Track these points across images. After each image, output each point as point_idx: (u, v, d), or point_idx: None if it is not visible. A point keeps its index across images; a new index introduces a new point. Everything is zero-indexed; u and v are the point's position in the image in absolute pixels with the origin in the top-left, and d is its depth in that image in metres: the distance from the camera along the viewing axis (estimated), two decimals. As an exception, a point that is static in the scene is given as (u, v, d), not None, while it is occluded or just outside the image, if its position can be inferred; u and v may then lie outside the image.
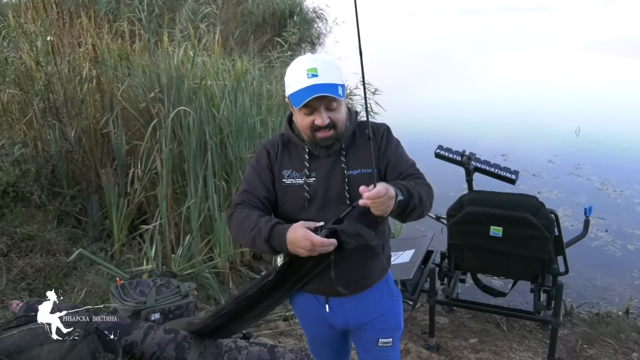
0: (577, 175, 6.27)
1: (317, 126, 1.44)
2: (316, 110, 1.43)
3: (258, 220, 1.42)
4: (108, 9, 7.37)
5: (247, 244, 1.47)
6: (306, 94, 1.39)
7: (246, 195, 1.53)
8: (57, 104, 3.93)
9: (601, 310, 3.51)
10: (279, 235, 1.37)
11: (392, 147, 1.53)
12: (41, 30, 4.72)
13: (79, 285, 3.03)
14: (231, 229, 1.52)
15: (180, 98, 3.64)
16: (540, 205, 2.57)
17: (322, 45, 12.97)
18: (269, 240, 1.38)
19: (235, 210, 1.51)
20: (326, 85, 1.40)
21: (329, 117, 1.44)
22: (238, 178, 3.67)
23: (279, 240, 1.37)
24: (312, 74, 1.40)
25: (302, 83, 1.41)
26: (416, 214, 1.41)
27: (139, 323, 2.23)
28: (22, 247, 3.22)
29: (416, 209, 1.39)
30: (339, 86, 1.43)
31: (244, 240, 1.48)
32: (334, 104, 1.44)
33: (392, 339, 1.65)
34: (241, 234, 1.47)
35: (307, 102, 1.39)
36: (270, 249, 1.41)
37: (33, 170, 3.56)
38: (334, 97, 1.42)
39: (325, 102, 1.42)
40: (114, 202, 3.55)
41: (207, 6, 6.38)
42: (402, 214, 1.38)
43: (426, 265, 3.16)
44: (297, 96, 1.41)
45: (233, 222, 1.50)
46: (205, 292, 3.29)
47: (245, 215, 1.47)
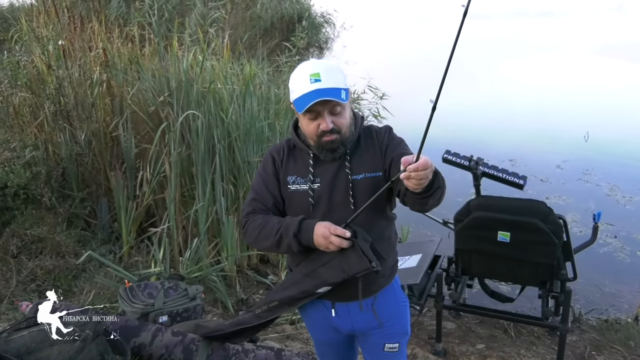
0: (585, 181, 6.22)
1: (322, 131, 1.45)
2: (320, 115, 1.44)
3: (281, 221, 1.48)
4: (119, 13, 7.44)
5: (271, 246, 1.50)
6: (309, 98, 1.40)
7: (255, 203, 1.56)
8: (67, 108, 3.97)
9: (610, 316, 3.48)
10: (307, 229, 1.43)
11: (395, 143, 1.53)
12: (53, 35, 4.78)
13: (88, 287, 3.05)
14: (249, 236, 1.55)
15: (189, 102, 3.67)
16: (548, 210, 2.56)
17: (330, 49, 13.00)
18: (297, 234, 1.43)
19: (248, 219, 1.54)
20: (329, 89, 1.41)
21: (332, 121, 1.44)
22: (246, 182, 3.69)
23: (307, 233, 1.42)
24: (315, 79, 1.41)
25: (305, 88, 1.42)
26: (437, 196, 1.35)
27: (147, 325, 2.24)
28: (32, 249, 3.25)
29: (439, 189, 1.34)
30: (342, 90, 1.43)
31: (267, 243, 1.50)
32: (338, 109, 1.45)
33: (398, 344, 1.65)
34: (263, 238, 1.50)
35: (311, 107, 1.40)
36: (297, 244, 1.44)
37: (44, 172, 3.59)
38: (337, 102, 1.43)
39: (328, 106, 1.43)
40: (123, 204, 3.58)
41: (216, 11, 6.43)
42: (426, 192, 1.31)
43: (433, 270, 3.15)
44: (301, 101, 1.42)
45: (249, 230, 1.53)
46: (212, 294, 3.30)
47: (262, 220, 1.51)
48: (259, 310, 1.59)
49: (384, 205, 1.56)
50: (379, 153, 1.52)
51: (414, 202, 1.38)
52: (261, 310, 1.58)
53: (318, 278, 1.49)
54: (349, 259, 1.42)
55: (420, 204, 1.36)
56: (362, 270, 1.42)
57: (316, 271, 1.49)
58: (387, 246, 1.58)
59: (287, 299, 1.55)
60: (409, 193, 1.32)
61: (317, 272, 1.49)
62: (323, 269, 1.48)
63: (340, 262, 1.44)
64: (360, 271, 1.42)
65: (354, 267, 1.42)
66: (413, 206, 1.42)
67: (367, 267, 1.40)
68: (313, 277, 1.50)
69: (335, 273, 1.46)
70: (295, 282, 1.55)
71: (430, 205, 1.38)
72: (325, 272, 1.48)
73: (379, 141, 1.54)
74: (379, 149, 1.53)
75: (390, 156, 1.50)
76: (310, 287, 1.51)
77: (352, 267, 1.43)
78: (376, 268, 1.40)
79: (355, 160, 1.52)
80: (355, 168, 1.51)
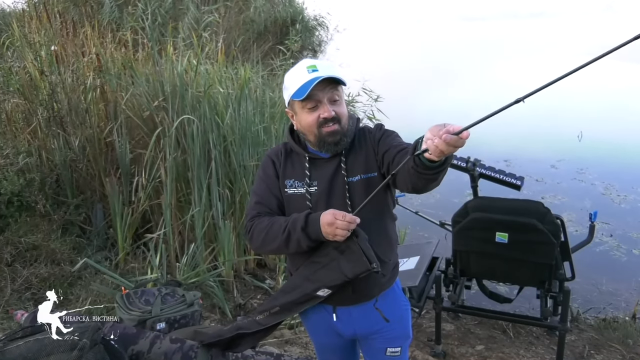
0: (580, 180, 6.25)
1: (322, 120, 1.44)
2: (320, 103, 1.44)
3: (287, 219, 1.46)
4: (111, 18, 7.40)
5: (279, 245, 1.47)
6: (309, 84, 1.41)
7: (259, 207, 1.55)
8: (61, 113, 3.94)
9: (608, 315, 3.49)
10: (314, 220, 1.40)
11: (386, 135, 1.52)
12: (45, 40, 4.75)
13: (84, 295, 3.02)
14: (255, 240, 1.52)
15: (184, 106, 3.65)
16: (546, 210, 2.56)
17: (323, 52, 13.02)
18: (305, 228, 1.40)
19: (254, 223, 1.52)
20: (328, 76, 1.42)
21: (333, 109, 1.45)
22: (242, 186, 3.67)
23: (314, 225, 1.40)
24: (312, 69, 1.44)
25: (304, 78, 1.43)
26: (442, 174, 1.26)
27: (145, 332, 2.21)
28: (27, 257, 3.21)
29: (446, 167, 1.24)
30: (340, 79, 1.45)
31: (274, 244, 1.48)
32: (337, 96, 1.46)
33: (400, 348, 1.64)
34: (270, 239, 1.48)
35: (311, 92, 1.40)
36: (306, 238, 1.42)
37: (37, 179, 3.56)
38: (336, 87, 1.44)
39: (328, 92, 1.44)
40: (118, 211, 3.54)
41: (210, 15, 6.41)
42: (441, 166, 1.21)
43: (431, 272, 3.14)
44: (300, 90, 1.43)
45: (255, 233, 1.51)
46: (209, 300, 3.28)
47: (267, 222, 1.49)
48: (260, 317, 1.57)
49: (384, 204, 1.55)
50: (372, 152, 1.51)
51: (420, 177, 1.24)
52: (262, 317, 1.56)
53: (318, 281, 1.48)
54: (349, 261, 1.41)
55: (429, 180, 1.25)
56: (362, 272, 1.40)
57: (316, 273, 1.48)
58: (388, 248, 1.57)
59: (287, 304, 1.54)
60: (419, 169, 1.21)
61: (317, 275, 1.48)
62: (323, 271, 1.46)
63: (340, 264, 1.43)
64: (360, 272, 1.41)
65: (354, 269, 1.41)
66: (417, 182, 1.28)
67: (368, 268, 1.38)
68: (313, 280, 1.49)
69: (335, 275, 1.45)
70: (296, 286, 1.53)
71: (437, 183, 1.29)
72: (325, 274, 1.46)
73: (371, 139, 1.53)
74: (371, 147, 1.52)
75: (383, 146, 1.48)
76: (310, 291, 1.50)
77: (352, 268, 1.41)
78: (377, 269, 1.39)
79: (350, 162, 1.51)
80: (351, 170, 1.50)
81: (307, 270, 1.51)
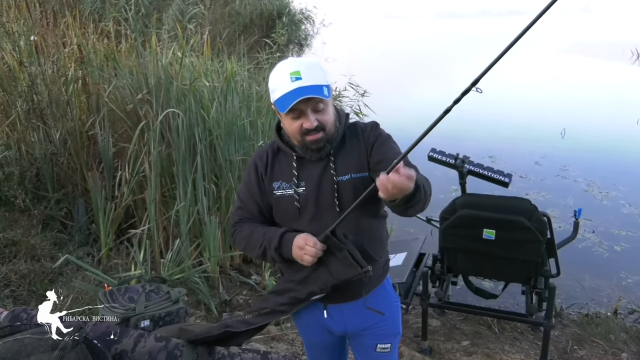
0: (563, 177, 6.33)
1: (305, 129, 1.41)
2: (303, 114, 1.40)
3: (266, 233, 1.48)
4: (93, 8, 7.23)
5: (257, 256, 1.54)
6: (291, 97, 1.36)
7: (241, 212, 1.57)
8: (41, 106, 3.84)
9: (590, 311, 3.54)
10: (287, 242, 1.43)
11: (381, 141, 1.50)
12: (24, 30, 4.62)
13: (65, 292, 2.95)
14: (238, 245, 1.58)
15: (169, 100, 3.58)
16: (533, 208, 2.57)
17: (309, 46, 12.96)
18: (278, 248, 1.44)
19: (236, 229, 1.56)
20: (311, 87, 1.37)
21: (316, 119, 1.41)
22: (228, 181, 3.63)
23: (287, 247, 1.43)
24: (295, 77, 1.38)
25: (286, 87, 1.38)
26: (417, 207, 1.32)
27: (128, 331, 2.17)
28: (6, 253, 3.14)
29: (419, 202, 1.30)
30: (324, 87, 1.40)
31: (253, 254, 1.55)
32: (321, 105, 1.41)
33: (390, 345, 1.63)
34: (249, 249, 1.53)
35: (294, 105, 1.36)
36: (279, 257, 1.46)
37: (17, 173, 3.47)
38: (319, 99, 1.39)
39: (311, 104, 1.39)
40: (101, 206, 3.47)
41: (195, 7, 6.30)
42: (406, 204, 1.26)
43: (418, 268, 3.15)
44: (282, 101, 1.38)
45: (237, 240, 1.55)
46: (195, 297, 3.23)
47: (248, 232, 1.52)
48: (249, 316, 1.54)
49: (374, 205, 1.52)
50: (364, 152, 1.48)
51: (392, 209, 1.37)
52: (251, 316, 1.53)
53: (311, 284, 1.46)
54: (341, 265, 1.40)
55: (398, 212, 1.36)
56: (353, 276, 1.40)
57: (308, 277, 1.46)
58: (379, 246, 1.56)
59: (279, 306, 1.51)
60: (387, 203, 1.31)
61: (309, 279, 1.46)
62: (314, 274, 1.44)
63: (330, 268, 1.41)
64: (351, 277, 1.40)
65: (345, 273, 1.40)
66: (393, 210, 1.39)
67: (359, 272, 1.38)
68: (304, 284, 1.47)
69: (325, 279, 1.43)
70: (287, 289, 1.51)
71: (410, 214, 1.39)
72: (316, 278, 1.45)
73: (364, 138, 1.50)
74: (364, 147, 1.49)
75: (376, 155, 1.46)
76: (301, 295, 1.48)
77: (343, 273, 1.40)
78: (369, 273, 1.37)
79: (340, 161, 1.48)
80: (341, 169, 1.47)
81: (299, 274, 1.49)
